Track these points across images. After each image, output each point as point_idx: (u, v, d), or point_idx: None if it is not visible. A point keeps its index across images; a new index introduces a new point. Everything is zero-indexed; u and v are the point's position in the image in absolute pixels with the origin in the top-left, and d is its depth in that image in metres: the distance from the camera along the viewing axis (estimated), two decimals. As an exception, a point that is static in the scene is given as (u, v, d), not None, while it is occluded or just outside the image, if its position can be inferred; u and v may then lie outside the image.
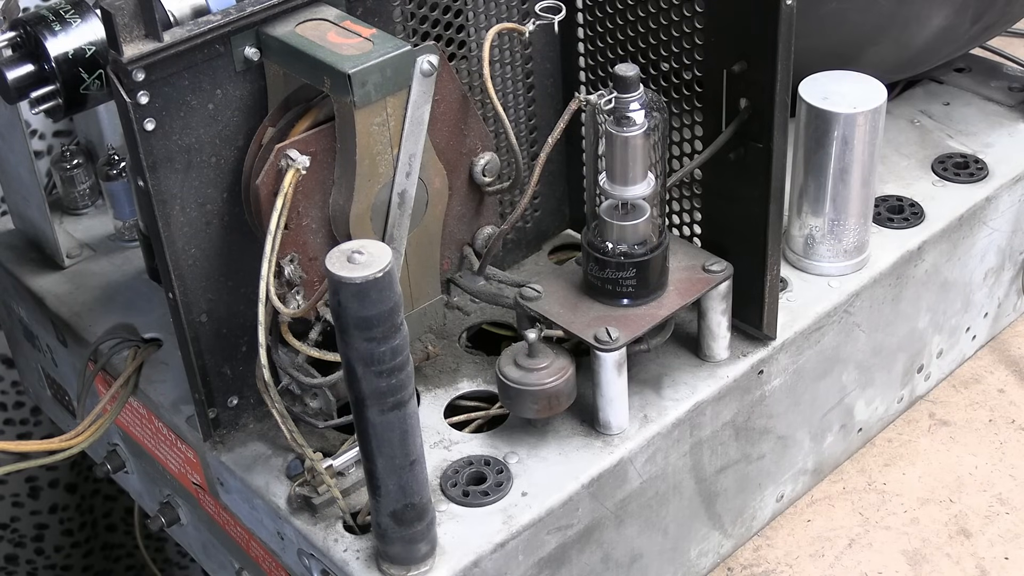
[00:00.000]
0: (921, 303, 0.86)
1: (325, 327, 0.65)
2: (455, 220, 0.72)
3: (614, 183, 0.68)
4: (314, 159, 0.63)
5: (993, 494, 0.84)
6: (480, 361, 0.76)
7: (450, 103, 0.68)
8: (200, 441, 0.73)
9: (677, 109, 0.73)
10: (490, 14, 0.74)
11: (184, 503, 0.83)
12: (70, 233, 0.93)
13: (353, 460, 0.66)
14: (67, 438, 0.77)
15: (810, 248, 0.81)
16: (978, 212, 0.86)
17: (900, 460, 0.87)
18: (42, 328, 0.90)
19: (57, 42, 0.67)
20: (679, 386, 0.73)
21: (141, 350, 0.80)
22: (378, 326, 0.53)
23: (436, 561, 0.63)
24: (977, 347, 0.95)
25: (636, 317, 0.70)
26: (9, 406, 1.14)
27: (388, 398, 0.55)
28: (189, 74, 0.61)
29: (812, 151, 0.78)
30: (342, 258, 0.52)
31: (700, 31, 0.69)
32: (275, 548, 0.71)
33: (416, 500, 0.60)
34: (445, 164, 0.69)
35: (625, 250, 0.69)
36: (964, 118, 0.95)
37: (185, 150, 0.62)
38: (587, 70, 0.78)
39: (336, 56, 0.60)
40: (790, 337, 0.76)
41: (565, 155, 0.82)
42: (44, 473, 1.18)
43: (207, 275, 0.66)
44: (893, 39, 0.86)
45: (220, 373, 0.70)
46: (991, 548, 0.81)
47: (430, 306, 0.73)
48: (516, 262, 0.84)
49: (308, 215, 0.65)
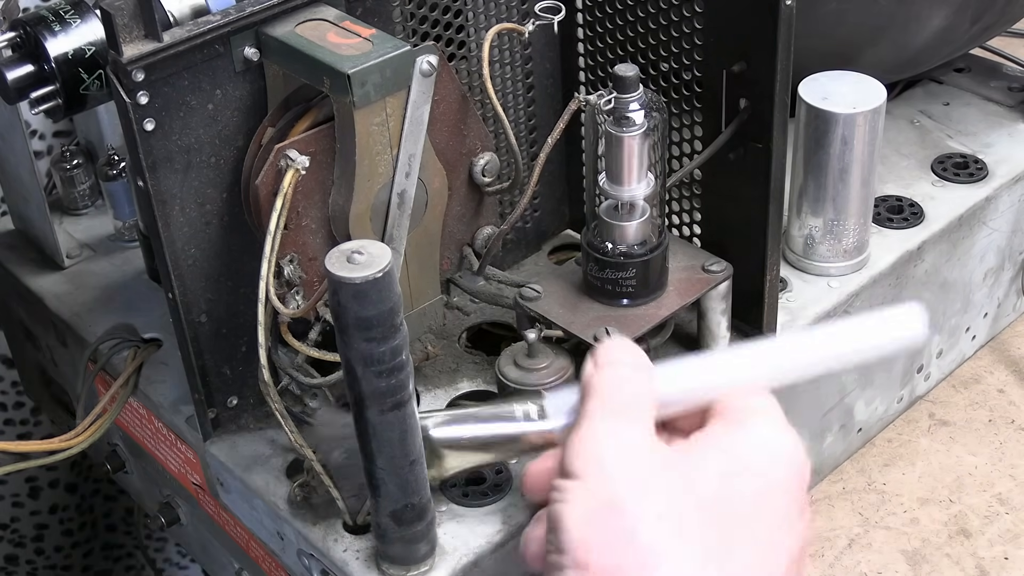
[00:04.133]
0: (921, 303, 0.85)
1: (325, 327, 0.65)
2: (455, 220, 0.72)
3: (614, 183, 0.68)
4: (314, 159, 0.63)
5: (993, 494, 0.84)
6: (480, 361, 0.76)
7: (450, 103, 0.68)
8: (200, 441, 0.73)
9: (677, 109, 0.73)
10: (490, 14, 0.74)
11: (184, 503, 0.83)
12: (70, 233, 0.93)
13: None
14: (67, 438, 0.77)
15: (810, 248, 0.81)
16: (978, 212, 0.86)
17: (900, 460, 0.87)
18: (42, 328, 0.90)
19: (57, 42, 0.67)
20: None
21: (141, 350, 0.80)
22: (378, 326, 0.53)
23: (436, 561, 0.63)
24: (977, 347, 0.95)
25: (636, 317, 0.70)
26: (9, 406, 1.14)
27: (388, 398, 0.55)
28: (189, 74, 0.61)
29: (812, 151, 0.78)
30: (342, 258, 0.52)
31: (700, 31, 0.69)
32: (275, 548, 0.71)
33: (416, 500, 0.60)
34: (445, 164, 0.69)
35: (625, 250, 0.69)
36: (964, 118, 0.95)
37: (185, 150, 0.62)
38: (587, 70, 0.78)
39: (335, 56, 0.60)
40: (790, 337, 0.76)
41: (565, 155, 0.82)
42: (44, 473, 1.18)
43: (207, 275, 0.66)
44: (893, 39, 0.86)
45: (220, 373, 0.70)
46: (991, 548, 0.81)
47: (430, 306, 0.73)
48: (516, 262, 0.84)
49: (308, 215, 0.65)
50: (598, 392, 0.54)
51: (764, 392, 0.55)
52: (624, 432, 0.52)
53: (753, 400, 0.55)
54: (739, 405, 0.54)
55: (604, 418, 0.53)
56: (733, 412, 0.54)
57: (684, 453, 0.53)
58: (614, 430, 0.52)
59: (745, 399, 0.55)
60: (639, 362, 0.56)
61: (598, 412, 0.53)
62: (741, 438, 0.53)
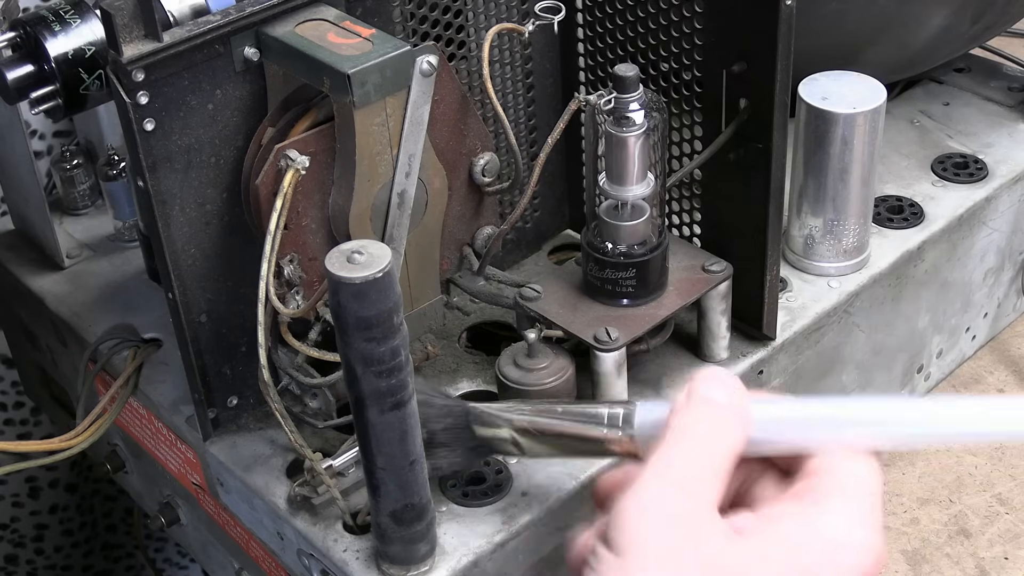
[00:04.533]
0: (921, 303, 0.86)
1: (325, 327, 0.65)
2: (455, 220, 0.72)
3: (614, 183, 0.68)
4: (314, 159, 0.63)
5: (993, 494, 0.84)
6: (480, 361, 0.76)
7: (450, 103, 0.68)
8: (200, 441, 0.73)
9: (677, 109, 0.73)
10: (490, 14, 0.74)
11: (184, 503, 0.83)
12: (70, 233, 0.93)
13: (353, 460, 0.66)
14: (67, 438, 0.77)
15: (810, 248, 0.81)
16: (978, 212, 0.86)
17: (900, 460, 0.87)
18: (42, 328, 0.90)
19: (57, 42, 0.67)
20: (679, 386, 0.73)
21: (141, 350, 0.80)
22: (378, 326, 0.53)
23: (436, 561, 0.63)
24: (977, 347, 0.95)
25: (636, 317, 0.70)
26: (9, 406, 1.14)
27: (388, 398, 0.55)
28: (189, 74, 0.61)
29: (812, 151, 0.78)
30: (342, 258, 0.52)
31: (700, 31, 0.69)
32: (275, 548, 0.71)
33: (416, 500, 0.60)
34: (445, 164, 0.69)
35: (625, 250, 0.69)
36: (964, 118, 0.95)
37: (185, 150, 0.62)
38: (587, 70, 0.78)
39: (335, 56, 0.60)
40: (790, 337, 0.76)
41: (565, 155, 0.82)
42: (44, 473, 1.18)
43: (207, 275, 0.66)
44: (893, 39, 0.86)
45: (220, 373, 0.70)
46: (991, 548, 0.81)
47: (430, 306, 0.73)
48: (516, 262, 0.84)
49: (308, 215, 0.65)
50: (675, 439, 0.49)
51: (865, 457, 0.50)
52: (680, 509, 0.47)
53: (847, 469, 0.49)
54: (826, 478, 0.49)
55: (663, 485, 0.48)
56: (816, 486, 0.49)
57: (741, 543, 0.48)
58: (670, 503, 0.48)
59: (840, 465, 0.50)
60: (734, 402, 0.51)
61: (662, 472, 0.48)
62: (810, 531, 0.48)
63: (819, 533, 0.48)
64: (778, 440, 0.51)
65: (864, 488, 0.49)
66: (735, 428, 0.50)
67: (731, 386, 0.51)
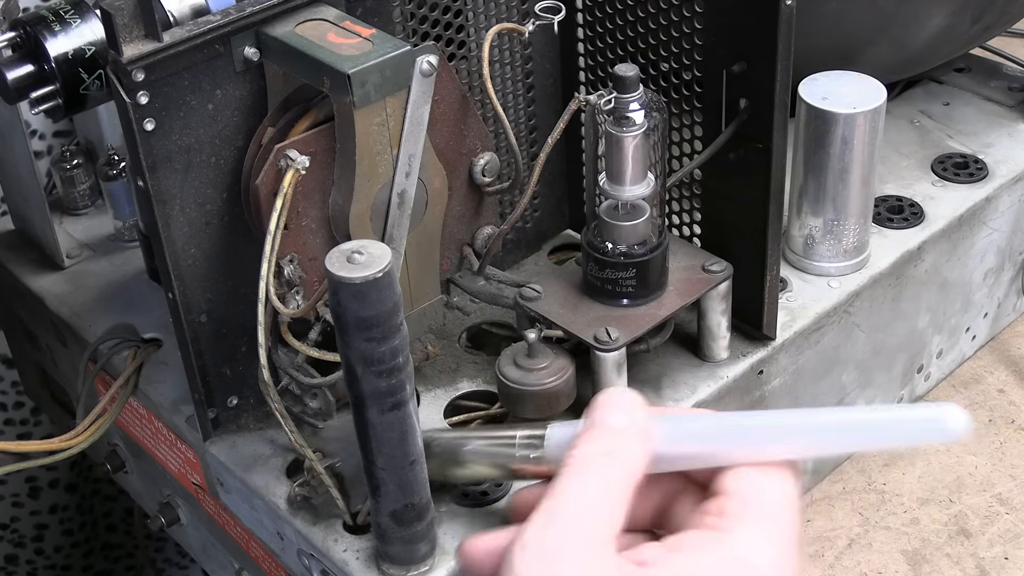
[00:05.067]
0: (921, 303, 0.86)
1: (325, 327, 0.65)
2: (455, 220, 0.72)
3: (614, 183, 0.68)
4: (314, 159, 0.63)
5: (993, 494, 0.84)
6: (480, 361, 0.76)
7: (450, 103, 0.68)
8: (200, 441, 0.73)
9: (677, 109, 0.73)
10: (490, 14, 0.74)
11: (184, 503, 0.83)
12: (70, 233, 0.93)
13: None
14: (67, 438, 0.77)
15: (810, 248, 0.81)
16: (978, 212, 0.86)
17: (900, 460, 0.87)
18: (42, 328, 0.90)
19: (57, 42, 0.67)
20: (679, 386, 0.73)
21: (141, 350, 0.80)
22: (378, 326, 0.53)
23: (436, 561, 0.63)
24: (977, 347, 0.95)
25: (636, 317, 0.70)
26: (9, 406, 1.14)
27: (388, 398, 0.55)
28: (189, 74, 0.61)
29: (812, 151, 0.78)
30: (342, 258, 0.52)
31: (700, 31, 0.69)
32: (275, 548, 0.71)
33: (416, 500, 0.60)
34: (445, 164, 0.69)
35: (625, 250, 0.69)
36: (964, 118, 0.95)
37: (185, 150, 0.62)
38: (587, 70, 0.78)
39: (335, 56, 0.60)
40: (790, 337, 0.76)
41: (565, 155, 0.82)
42: (44, 473, 1.18)
43: (207, 275, 0.66)
44: (893, 39, 0.86)
45: (220, 373, 0.70)
46: (991, 548, 0.81)
47: (430, 306, 0.73)
48: (516, 262, 0.84)
49: (308, 215, 0.65)
50: (567, 472, 0.47)
51: (778, 472, 0.48)
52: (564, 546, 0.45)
53: (758, 487, 0.48)
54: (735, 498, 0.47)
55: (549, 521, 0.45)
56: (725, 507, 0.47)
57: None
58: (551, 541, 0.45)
59: (751, 484, 0.48)
60: (632, 423, 0.49)
61: (550, 507, 0.46)
62: (716, 558, 0.46)
63: (725, 560, 0.46)
64: (686, 454, 0.50)
65: (775, 507, 0.47)
66: (633, 452, 0.48)
67: (629, 407, 0.49)
